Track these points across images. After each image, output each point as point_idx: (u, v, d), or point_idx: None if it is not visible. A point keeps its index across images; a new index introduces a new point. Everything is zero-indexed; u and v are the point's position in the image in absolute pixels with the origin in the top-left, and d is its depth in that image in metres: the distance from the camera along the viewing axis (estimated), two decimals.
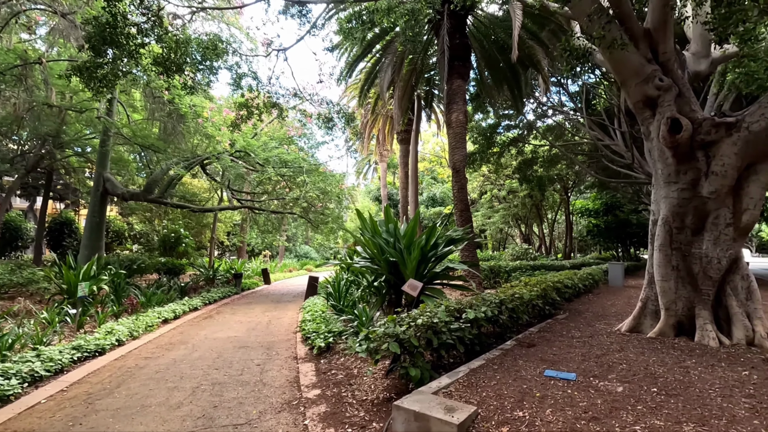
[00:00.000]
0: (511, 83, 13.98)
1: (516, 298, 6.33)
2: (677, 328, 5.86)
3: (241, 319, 10.39)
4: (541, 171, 23.46)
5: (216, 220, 22.75)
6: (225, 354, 6.87)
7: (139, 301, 10.25)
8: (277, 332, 8.79)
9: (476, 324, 4.99)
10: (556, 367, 4.56)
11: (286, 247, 39.48)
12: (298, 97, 10.88)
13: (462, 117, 12.05)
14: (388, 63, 12.29)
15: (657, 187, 6.12)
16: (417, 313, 4.45)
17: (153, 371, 5.93)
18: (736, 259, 5.58)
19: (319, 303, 10.76)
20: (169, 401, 4.65)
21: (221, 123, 13.97)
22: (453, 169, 12.10)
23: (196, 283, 15.60)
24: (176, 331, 9.14)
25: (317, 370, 5.66)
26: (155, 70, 7.84)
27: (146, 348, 7.49)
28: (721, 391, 3.77)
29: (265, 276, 20.41)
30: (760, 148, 5.20)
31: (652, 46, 5.94)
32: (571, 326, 6.98)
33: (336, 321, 8.25)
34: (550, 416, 3.33)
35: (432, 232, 6.87)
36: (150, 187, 15.77)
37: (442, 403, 3.39)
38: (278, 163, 15.18)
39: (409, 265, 6.82)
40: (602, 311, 8.84)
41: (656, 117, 5.89)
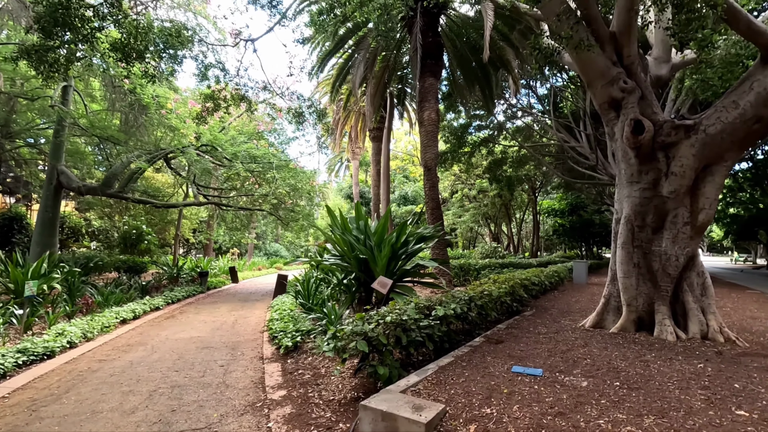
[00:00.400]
0: (482, 83, 14.15)
1: (485, 296, 6.37)
2: (638, 324, 6.06)
3: (205, 319, 10.02)
4: (510, 171, 23.96)
5: (181, 217, 21.94)
6: (186, 355, 6.58)
7: (95, 301, 9.70)
8: (243, 332, 8.52)
9: (446, 321, 4.96)
10: (524, 363, 4.59)
11: (256, 245, 38.63)
12: (268, 90, 10.58)
13: (434, 115, 12.09)
14: (360, 59, 12.17)
15: (620, 187, 6.31)
16: (386, 311, 4.38)
17: (107, 375, 5.59)
18: (693, 256, 5.82)
19: (288, 302, 10.54)
20: (123, 406, 4.38)
21: (186, 115, 13.43)
22: (425, 167, 12.12)
23: (158, 282, 14.96)
24: (135, 331, 8.70)
25: (283, 371, 5.49)
26: (113, 56, 7.40)
27: (101, 350, 7.07)
28: (679, 383, 3.89)
29: (233, 274, 19.87)
30: (716, 150, 5.44)
31: (617, 50, 6.10)
32: (537, 322, 7.10)
33: (304, 320, 8.08)
34: (518, 412, 3.32)
35: (403, 229, 6.82)
36: (109, 181, 14.99)
37: (410, 402, 3.32)
38: (247, 159, 14.75)
39: (379, 263, 6.74)
40: (567, 308, 9.06)
41: (620, 118, 6.06)
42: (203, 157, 15.08)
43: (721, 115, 5.32)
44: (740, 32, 5.16)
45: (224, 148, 14.58)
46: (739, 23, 4.99)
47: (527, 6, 6.78)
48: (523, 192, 32.42)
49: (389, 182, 17.35)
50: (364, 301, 7.73)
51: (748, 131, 5.26)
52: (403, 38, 14.96)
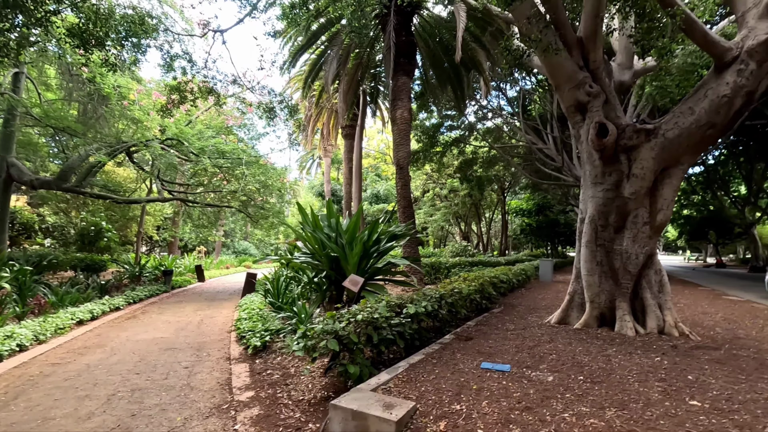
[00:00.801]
0: (454, 84, 14.31)
1: (455, 293, 6.44)
2: (600, 319, 6.30)
3: (169, 319, 9.67)
4: (480, 171, 24.40)
5: (144, 213, 21.07)
6: (148, 357, 6.32)
7: (49, 301, 9.17)
8: (209, 332, 8.26)
9: (417, 319, 4.98)
10: (492, 359, 4.67)
11: (224, 243, 37.64)
12: (237, 84, 10.29)
13: (406, 114, 12.13)
14: (333, 55, 12.05)
15: (585, 188, 6.53)
16: (357, 309, 4.34)
17: (61, 379, 5.29)
18: (651, 255, 6.10)
19: (257, 301, 10.32)
20: (78, 412, 4.15)
21: (151, 107, 12.87)
22: (397, 165, 12.15)
23: (119, 281, 14.32)
24: (93, 333, 8.29)
25: (251, 371, 5.36)
26: (70, 42, 6.98)
27: (55, 353, 6.69)
28: (638, 376, 4.06)
29: (199, 273, 19.28)
30: (673, 153, 5.71)
31: (584, 54, 6.30)
32: (506, 319, 7.26)
33: (274, 319, 7.92)
34: (486, 408, 3.37)
35: (374, 227, 6.80)
36: (65, 175, 14.20)
37: (381, 400, 3.31)
38: (215, 154, 14.32)
39: (350, 261, 6.69)
40: (534, 305, 9.31)
41: (586, 121, 6.27)
42: (168, 151, 14.52)
43: (678, 121, 5.59)
44: (696, 42, 5.44)
45: (191, 142, 14.08)
46: (695, 33, 5.25)
47: (498, 9, 6.88)
48: (493, 192, 33.11)
49: (361, 180, 17.29)
50: (335, 300, 7.66)
51: (703, 136, 5.56)
52: (377, 36, 14.92)
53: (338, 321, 4.03)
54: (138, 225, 21.52)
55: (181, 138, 14.06)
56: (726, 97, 5.23)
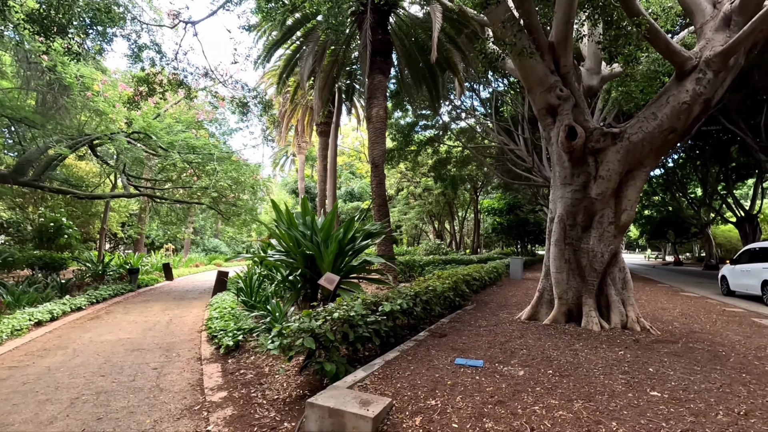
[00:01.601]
0: (429, 83, 14.44)
1: (429, 291, 6.53)
2: (568, 315, 6.53)
3: (135, 319, 9.34)
4: (454, 171, 24.72)
5: (108, 209, 20.24)
6: (114, 358, 6.09)
7: (4, 301, 8.67)
8: (178, 332, 8.04)
9: (392, 316, 5.03)
10: (466, 355, 4.77)
11: (193, 240, 36.61)
12: (209, 77, 10.01)
13: (382, 112, 12.15)
14: (309, 51, 11.93)
15: (555, 188, 6.75)
16: (333, 307, 4.34)
17: (19, 383, 5.03)
18: (616, 253, 6.38)
19: (229, 299, 10.12)
20: (39, 417, 3.96)
21: (116, 99, 12.35)
22: (372, 163, 12.16)
23: (81, 280, 13.69)
24: (53, 334, 7.91)
25: (224, 371, 5.26)
26: (30, 29, 6.61)
27: (11, 356, 6.35)
28: (603, 369, 4.25)
29: (167, 271, 18.69)
30: (638, 156, 5.99)
31: (555, 59, 6.50)
32: (478, 316, 7.41)
33: (247, 318, 7.79)
34: (461, 403, 3.45)
35: (350, 225, 6.79)
36: (22, 168, 13.43)
37: (358, 397, 3.33)
38: (185, 149, 13.90)
39: (326, 259, 6.66)
40: (505, 301, 9.55)
41: (556, 124, 6.47)
42: (135, 145, 13.98)
43: (642, 125, 5.87)
44: (660, 50, 5.72)
45: (159, 136, 13.61)
46: (659, 42, 5.52)
47: (474, 11, 7.00)
48: (466, 191, 33.63)
49: (336, 178, 17.19)
50: (309, 298, 7.62)
51: (665, 140, 5.86)
52: (353, 33, 14.87)
53: (314, 319, 4.02)
54: (101, 221, 20.64)
55: (148, 132, 13.56)
56: (686, 104, 5.53)
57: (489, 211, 36.98)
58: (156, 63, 8.95)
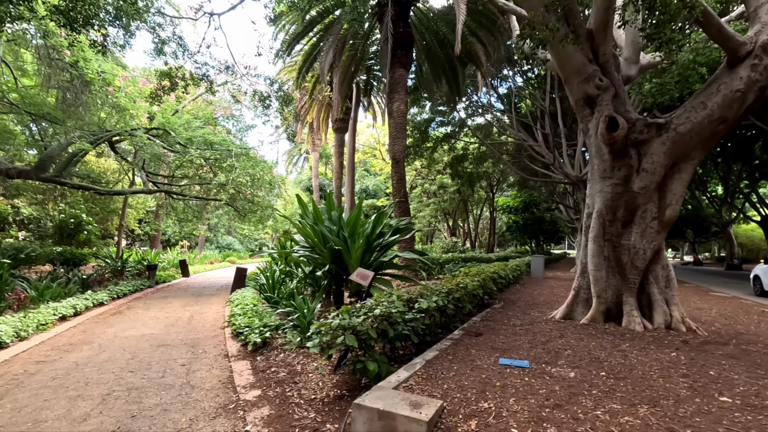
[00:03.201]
0: (449, 78, 14.18)
1: (461, 288, 6.31)
2: (606, 315, 6.26)
3: (157, 315, 9.29)
4: (471, 167, 24.38)
5: (126, 206, 20.36)
6: (140, 354, 6.00)
7: (28, 296, 8.67)
8: (201, 329, 7.95)
9: (428, 314, 4.82)
10: (508, 355, 4.55)
11: (207, 237, 36.80)
12: (230, 71, 9.89)
13: (403, 107, 11.94)
14: (330, 44, 11.75)
15: (592, 182, 6.47)
16: (373, 303, 4.15)
17: (48, 378, 4.95)
18: (659, 250, 6.08)
19: (249, 295, 10.03)
20: (72, 413, 3.85)
21: (137, 95, 12.33)
22: (393, 159, 11.96)
23: (101, 276, 13.74)
24: (77, 329, 7.89)
25: (254, 369, 5.11)
26: (55, 20, 6.54)
27: (39, 350, 6.31)
28: (660, 372, 3.99)
29: (183, 268, 18.73)
30: (684, 148, 5.69)
31: (594, 48, 6.22)
32: (509, 315, 7.17)
33: (270, 314, 7.67)
34: (515, 406, 3.24)
35: (379, 220, 6.60)
36: (44, 164, 13.52)
37: (406, 399, 3.14)
38: (203, 145, 13.85)
39: (353, 255, 6.49)
40: (532, 300, 9.28)
41: (595, 115, 6.20)
42: (154, 141, 13.98)
43: (690, 115, 5.57)
44: (711, 35, 5.42)
45: (178, 132, 13.58)
46: (711, 26, 5.22)
47: None
48: (481, 189, 33.24)
49: (354, 173, 17.00)
50: (335, 295, 7.46)
51: (714, 131, 5.55)
52: (372, 28, 14.67)
53: (355, 316, 3.83)
54: (119, 218, 20.79)
55: (167, 128, 13.55)
56: (739, 92, 5.22)
57: (504, 209, 36.52)
58: (178, 56, 8.86)
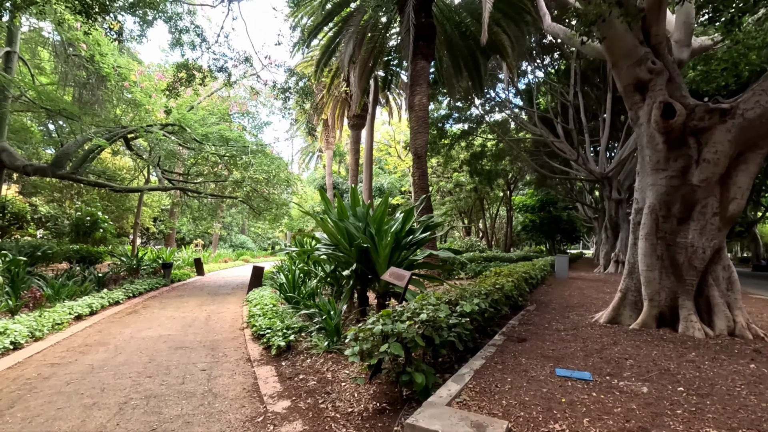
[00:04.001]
0: (471, 70, 13.67)
1: (497, 290, 5.86)
2: (658, 319, 5.74)
3: (173, 315, 9.01)
4: (489, 165, 23.78)
5: (141, 204, 20.27)
6: (158, 357, 5.67)
7: (44, 294, 8.45)
8: (219, 329, 7.62)
9: (471, 318, 4.38)
10: (564, 364, 4.09)
11: (221, 236, 36.79)
12: (249, 62, 9.56)
13: (425, 100, 11.48)
14: (349, 36, 11.35)
15: (643, 175, 5.94)
16: (416, 307, 3.73)
17: (62, 382, 4.63)
18: (719, 249, 5.54)
19: (267, 295, 9.70)
20: (87, 425, 3.50)
21: (152, 90, 12.10)
22: (415, 154, 11.51)
23: (116, 274, 13.57)
24: (93, 329, 7.62)
25: (280, 375, 4.73)
26: (70, 5, 6.25)
27: (53, 351, 6.02)
28: (748, 388, 3.49)
29: (198, 266, 18.56)
30: (753, 135, 5.14)
31: (645, 28, 5.71)
32: (548, 318, 6.69)
33: (292, 315, 7.30)
34: (591, 428, 2.78)
35: (409, 215, 6.17)
36: (60, 161, 13.40)
37: (465, 418, 2.71)
38: (218, 141, 13.58)
39: (381, 253, 6.07)
40: (565, 302, 8.76)
41: (647, 101, 5.68)
42: (170, 138, 13.77)
43: (760, 99, 5.02)
44: None
45: (194, 128, 13.34)
46: None
47: None
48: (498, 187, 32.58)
49: (372, 170, 16.61)
50: (359, 296, 7.07)
51: None
52: (390, 21, 14.24)
53: (399, 321, 3.41)
54: (135, 216, 20.71)
55: (183, 124, 13.32)
56: None
57: (521, 208, 35.78)
58: (196, 47, 8.55)
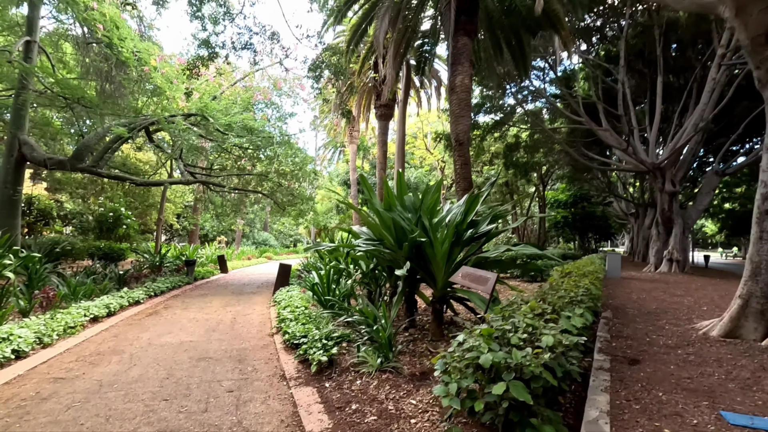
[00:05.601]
0: (514, 50, 12.42)
1: (587, 295, 4.73)
2: None
3: (196, 316, 8.21)
4: (524, 157, 22.38)
5: (164, 199, 19.78)
6: (178, 371, 4.79)
7: (58, 294, 7.74)
8: (246, 335, 6.75)
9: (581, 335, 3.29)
10: (723, 403, 2.96)
11: (244, 233, 36.44)
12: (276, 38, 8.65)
13: (467, 80, 10.35)
14: (385, 9, 10.30)
15: None
16: (525, 325, 2.67)
17: (62, 406, 3.78)
18: None
19: (296, 295, 8.81)
20: None
21: (173, 75, 11.34)
22: (456, 141, 10.40)
23: (138, 272, 12.97)
24: (109, 333, 6.86)
25: (325, 403, 3.74)
26: None
27: (60, 361, 5.23)
28: None
29: (222, 264, 17.94)
30: None
31: None
32: (638, 328, 5.52)
33: (327, 321, 6.35)
34: None
35: (474, 202, 5.09)
36: (80, 154, 12.84)
37: None
38: (242, 131, 12.75)
39: (438, 250, 5.02)
40: (640, 307, 7.54)
41: None
42: (192, 129, 13.05)
43: None
44: None
45: (216, 117, 12.55)
46: None
47: None
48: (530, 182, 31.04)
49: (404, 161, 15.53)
50: (407, 300, 6.06)
51: None
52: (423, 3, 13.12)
53: (509, 344, 2.36)
54: (158, 212, 20.26)
55: (205, 113, 12.55)
56: None
57: (552, 203, 34.10)
58: (218, 20, 7.68)
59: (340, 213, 33.33)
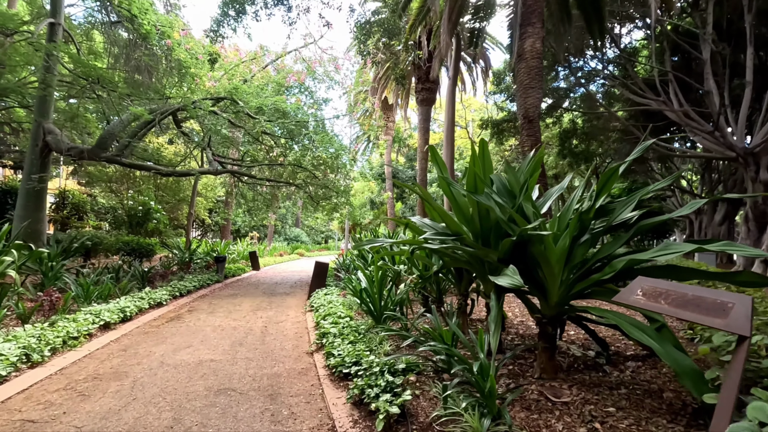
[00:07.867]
0: (588, 11, 10.49)
1: None
2: None
3: (221, 324, 6.98)
4: (582, 145, 20.21)
5: (195, 193, 18.96)
6: (188, 413, 3.45)
7: (65, 295, 6.63)
8: (279, 351, 5.40)
9: None
10: None
11: (276, 229, 35.73)
12: None
13: (539, 45, 8.61)
14: None
15: None
16: None
17: None
18: None
19: (336, 301, 7.47)
20: None
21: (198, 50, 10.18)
22: (524, 117, 8.70)
23: (166, 269, 12.02)
24: (118, 344, 5.68)
25: None
26: None
27: (45, 390, 4.03)
28: None
29: (254, 260, 16.97)
30: None
31: None
32: None
33: (381, 337, 4.90)
34: None
35: (609, 181, 3.45)
36: (104, 142, 11.97)
37: None
38: (274, 114, 11.49)
39: (551, 249, 3.41)
40: None
41: None
42: (221, 116, 11.93)
43: None
44: None
45: (247, 100, 11.34)
46: None
47: None
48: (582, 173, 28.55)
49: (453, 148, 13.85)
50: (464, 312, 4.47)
51: None
52: None
53: None
54: (189, 206, 19.49)
55: (235, 96, 11.37)
56: None
57: None
58: None
59: (374, 208, 31.94)
